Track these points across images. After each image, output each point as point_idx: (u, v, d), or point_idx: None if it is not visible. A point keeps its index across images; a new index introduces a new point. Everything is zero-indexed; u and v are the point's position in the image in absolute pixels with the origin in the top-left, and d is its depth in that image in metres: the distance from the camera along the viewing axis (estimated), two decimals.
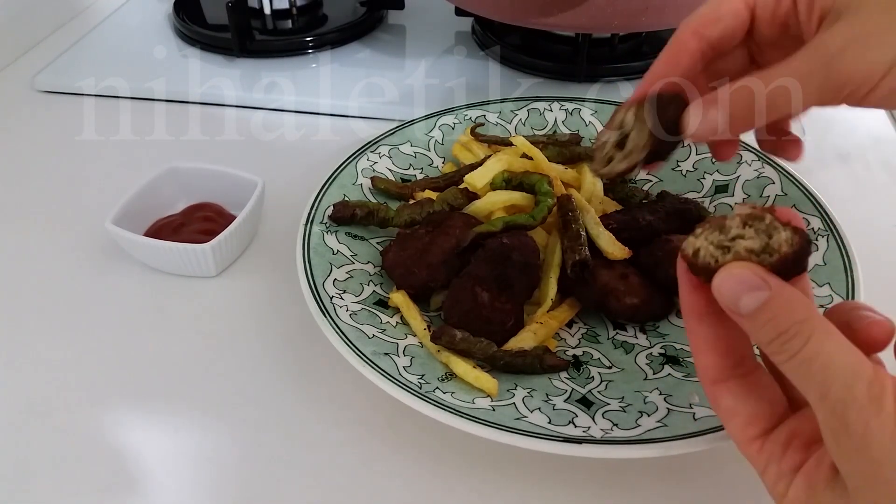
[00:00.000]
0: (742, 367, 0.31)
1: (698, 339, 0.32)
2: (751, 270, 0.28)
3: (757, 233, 0.29)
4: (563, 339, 0.46)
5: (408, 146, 0.59)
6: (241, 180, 0.55)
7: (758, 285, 0.28)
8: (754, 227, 0.29)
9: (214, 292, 0.51)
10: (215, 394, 0.45)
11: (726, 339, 0.31)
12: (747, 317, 0.28)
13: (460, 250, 0.46)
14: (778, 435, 0.30)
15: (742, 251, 0.29)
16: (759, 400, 0.30)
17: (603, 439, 0.37)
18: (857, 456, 0.25)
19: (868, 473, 0.25)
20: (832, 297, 0.44)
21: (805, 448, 0.29)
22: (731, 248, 0.29)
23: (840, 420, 0.25)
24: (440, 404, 0.38)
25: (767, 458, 0.29)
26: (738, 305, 0.28)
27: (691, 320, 0.32)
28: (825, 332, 0.26)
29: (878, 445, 0.24)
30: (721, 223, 0.30)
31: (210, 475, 0.40)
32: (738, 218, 0.30)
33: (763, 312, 0.27)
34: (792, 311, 0.27)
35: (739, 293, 0.28)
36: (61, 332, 0.49)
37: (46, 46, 0.83)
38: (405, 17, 0.87)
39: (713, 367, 0.31)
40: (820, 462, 0.28)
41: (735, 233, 0.29)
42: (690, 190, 0.55)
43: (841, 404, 0.25)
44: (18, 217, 0.59)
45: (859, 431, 0.25)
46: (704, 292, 0.31)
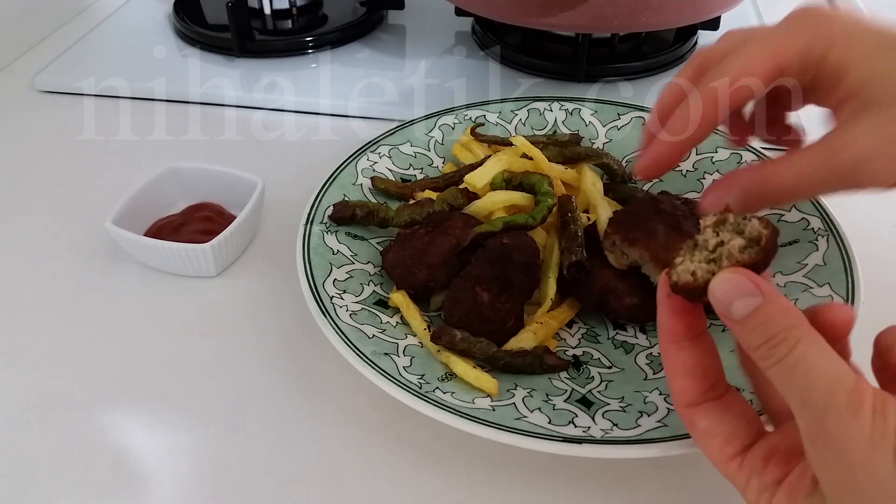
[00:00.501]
0: (715, 390, 0.32)
1: (675, 363, 0.32)
2: (745, 277, 0.29)
3: (731, 234, 0.30)
4: (563, 339, 0.46)
5: (408, 146, 0.59)
6: (241, 180, 0.55)
7: (751, 291, 0.28)
8: (726, 230, 0.30)
9: (214, 292, 0.52)
10: (215, 393, 0.45)
11: (702, 364, 0.32)
12: (738, 321, 0.28)
13: (460, 250, 0.46)
14: (757, 450, 0.30)
15: (735, 252, 0.29)
16: (735, 419, 0.31)
17: (603, 439, 0.37)
18: (835, 461, 0.25)
19: (844, 479, 0.25)
20: (832, 297, 0.44)
21: (785, 462, 0.29)
22: (721, 255, 0.30)
23: (819, 425, 0.26)
24: (440, 404, 0.38)
25: (749, 473, 0.30)
26: (731, 310, 0.28)
27: (669, 345, 0.32)
28: (811, 340, 0.27)
29: (855, 450, 0.25)
30: (695, 241, 0.31)
31: (210, 475, 0.40)
32: (709, 229, 0.31)
33: (754, 318, 0.28)
34: (781, 317, 0.28)
35: (733, 298, 0.28)
36: (61, 332, 0.49)
37: (46, 46, 0.83)
38: (405, 17, 0.87)
39: (689, 390, 0.32)
40: (802, 475, 0.28)
41: (714, 242, 0.30)
42: (690, 190, 0.55)
43: (821, 410, 0.25)
44: (18, 217, 0.59)
45: (837, 437, 0.25)
46: (684, 317, 0.32)
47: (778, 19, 0.35)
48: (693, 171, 0.56)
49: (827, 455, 0.26)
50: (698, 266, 0.30)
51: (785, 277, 0.46)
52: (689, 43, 0.77)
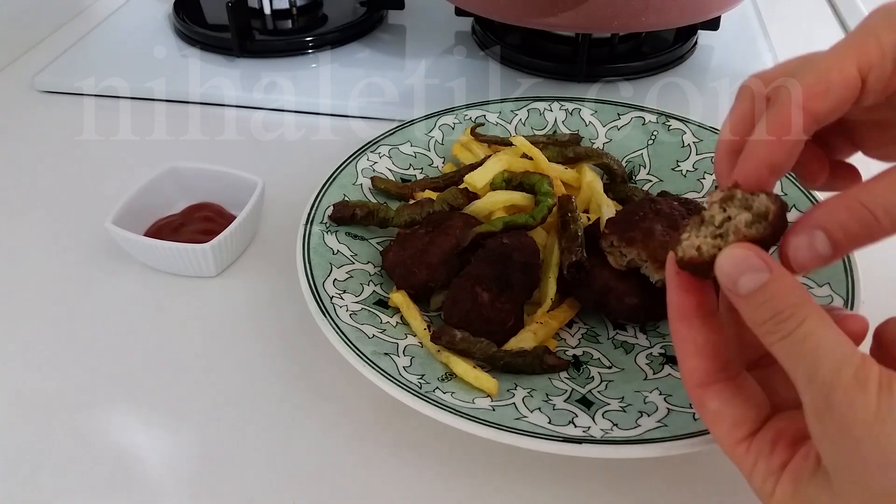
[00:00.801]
0: (727, 370, 0.31)
1: (685, 342, 0.32)
2: (753, 252, 0.28)
3: (739, 209, 0.29)
4: (563, 339, 0.46)
5: (408, 146, 0.59)
6: (241, 180, 0.55)
7: (759, 266, 0.28)
8: (733, 206, 0.30)
9: (214, 292, 0.52)
10: (215, 394, 0.45)
11: (714, 342, 0.31)
12: (745, 296, 0.28)
13: (460, 250, 0.46)
14: (765, 434, 0.30)
15: (742, 227, 0.29)
16: (746, 402, 0.31)
17: (603, 439, 0.37)
18: (841, 436, 0.25)
19: (849, 453, 0.25)
20: (832, 297, 0.44)
21: (791, 446, 0.29)
22: (728, 231, 0.29)
23: (826, 400, 0.26)
24: (440, 404, 0.38)
25: (756, 457, 0.29)
26: (738, 285, 0.28)
27: (679, 323, 0.32)
28: (819, 317, 0.27)
29: (861, 423, 0.25)
30: (701, 218, 0.30)
31: (209, 475, 0.40)
32: (716, 205, 0.30)
33: (761, 293, 0.28)
34: (789, 293, 0.27)
35: (741, 272, 0.28)
36: (61, 332, 0.49)
37: (46, 46, 0.83)
38: (405, 17, 0.87)
39: (700, 370, 0.31)
40: (805, 457, 0.28)
41: (721, 218, 0.30)
42: (690, 190, 0.55)
43: (828, 385, 0.26)
44: (18, 217, 0.59)
45: (843, 411, 0.25)
46: (693, 294, 0.31)
47: (778, 19, 0.34)
48: (693, 171, 0.56)
49: (832, 429, 0.26)
50: (703, 241, 0.30)
51: None
52: (689, 43, 0.77)
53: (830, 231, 0.28)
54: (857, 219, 0.27)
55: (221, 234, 0.50)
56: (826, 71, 0.28)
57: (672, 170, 0.57)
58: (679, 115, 0.59)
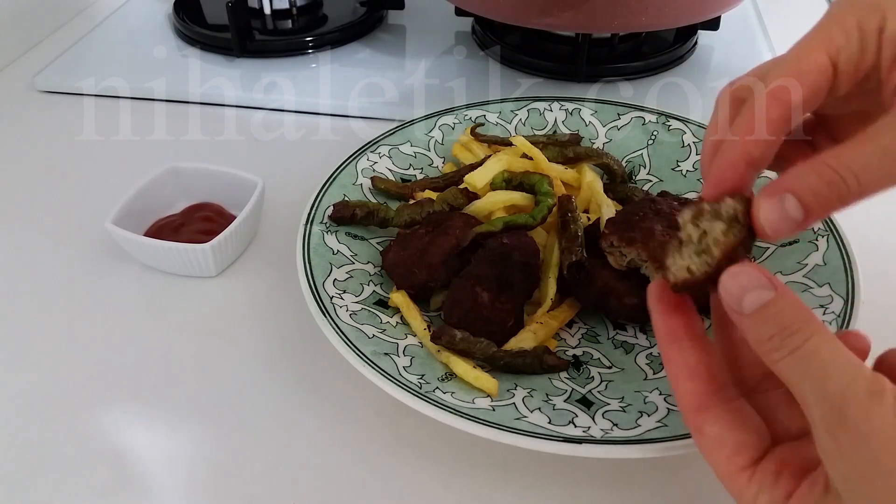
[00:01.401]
0: (724, 393, 0.30)
1: (677, 365, 0.31)
2: (757, 270, 0.28)
3: (710, 221, 0.30)
4: (563, 339, 0.46)
5: (408, 146, 0.59)
6: (241, 180, 0.55)
7: (763, 284, 0.28)
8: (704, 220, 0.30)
9: (214, 292, 0.52)
10: (215, 394, 0.45)
11: (706, 363, 0.31)
12: (750, 315, 0.28)
13: (460, 250, 0.46)
14: (768, 464, 0.29)
15: (720, 237, 0.29)
16: (746, 427, 0.30)
17: (603, 439, 0.37)
18: (855, 450, 0.25)
19: (866, 467, 0.25)
20: (832, 297, 0.44)
21: (796, 476, 0.28)
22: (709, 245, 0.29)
23: (839, 414, 0.25)
24: (440, 404, 0.38)
25: (758, 487, 0.28)
26: (742, 303, 0.28)
27: (669, 347, 0.31)
28: (825, 334, 0.27)
29: (879, 435, 0.24)
30: (679, 240, 0.31)
31: (209, 475, 0.40)
32: (689, 224, 0.30)
33: (766, 309, 0.27)
34: (795, 310, 0.27)
35: (745, 290, 0.28)
36: (61, 332, 0.49)
37: (46, 46, 0.83)
38: (405, 17, 0.87)
39: (695, 393, 0.30)
40: (812, 486, 0.28)
41: (697, 234, 0.30)
42: (690, 190, 0.55)
43: (840, 399, 0.25)
44: (18, 217, 0.59)
45: (859, 424, 0.25)
46: (680, 316, 0.31)
47: (778, 19, 0.35)
48: (693, 171, 0.56)
49: (846, 444, 0.25)
50: (691, 261, 0.30)
51: (785, 277, 0.46)
52: (689, 43, 0.77)
53: (801, 195, 0.27)
54: (827, 182, 0.27)
55: (221, 234, 0.50)
56: (796, 61, 0.29)
57: (672, 170, 0.57)
58: (679, 115, 0.59)
